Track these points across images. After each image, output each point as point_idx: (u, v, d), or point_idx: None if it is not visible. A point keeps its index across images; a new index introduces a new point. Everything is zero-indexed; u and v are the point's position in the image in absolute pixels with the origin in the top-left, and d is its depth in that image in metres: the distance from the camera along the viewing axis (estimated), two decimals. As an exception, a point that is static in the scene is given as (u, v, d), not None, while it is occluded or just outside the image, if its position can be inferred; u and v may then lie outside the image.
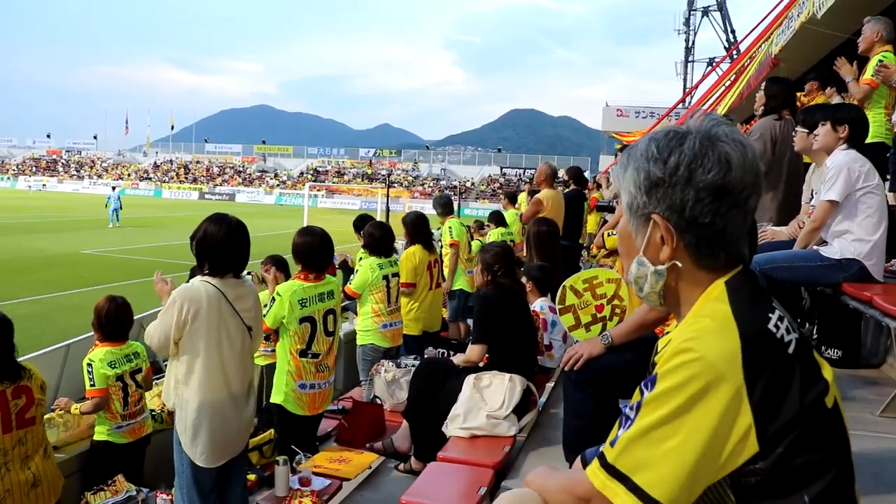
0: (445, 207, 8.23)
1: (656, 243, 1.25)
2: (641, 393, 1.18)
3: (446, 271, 7.55)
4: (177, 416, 3.35)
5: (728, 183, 1.18)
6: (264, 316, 4.16)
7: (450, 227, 7.82)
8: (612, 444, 1.19)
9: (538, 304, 4.77)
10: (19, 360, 3.65)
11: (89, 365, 4.31)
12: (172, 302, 3.23)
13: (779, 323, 1.18)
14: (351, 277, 5.73)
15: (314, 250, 4.40)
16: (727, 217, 1.19)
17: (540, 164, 8.92)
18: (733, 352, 1.11)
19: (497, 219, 10.00)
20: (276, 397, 4.32)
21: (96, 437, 4.41)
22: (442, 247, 7.78)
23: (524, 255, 6.79)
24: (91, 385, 4.29)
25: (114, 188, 32.41)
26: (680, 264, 1.24)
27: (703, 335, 1.14)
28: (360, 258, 5.81)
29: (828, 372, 1.22)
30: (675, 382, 1.11)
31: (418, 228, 6.49)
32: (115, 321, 4.43)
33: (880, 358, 4.55)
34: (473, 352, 4.07)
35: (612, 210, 5.67)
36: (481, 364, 4.11)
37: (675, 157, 1.20)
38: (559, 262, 5.95)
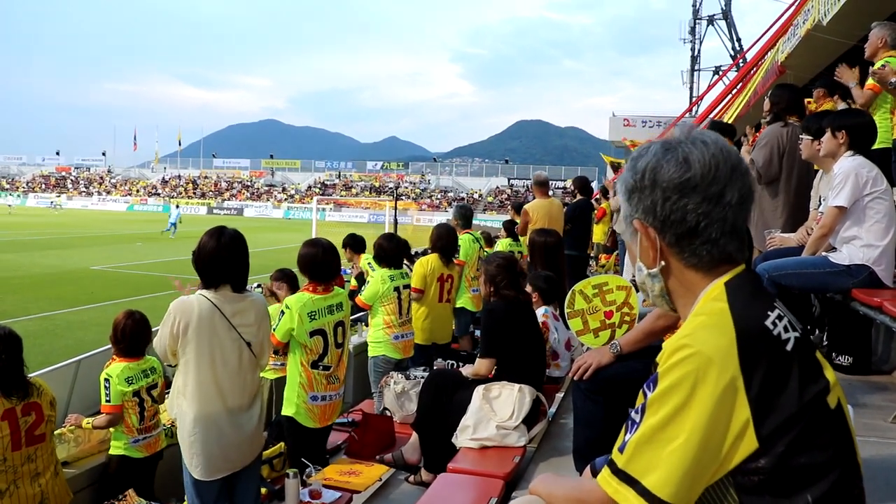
0: (465, 220, 7.93)
1: (645, 247, 1.31)
2: (644, 395, 1.20)
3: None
4: (178, 427, 3.39)
5: (689, 179, 1.22)
6: (274, 330, 4.16)
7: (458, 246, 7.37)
8: (620, 450, 1.20)
9: (540, 312, 4.76)
10: (30, 376, 3.66)
11: (107, 380, 4.30)
12: (168, 314, 3.28)
13: (777, 321, 1.20)
14: (362, 288, 5.72)
15: (318, 260, 4.40)
16: (700, 213, 1.23)
17: (545, 174, 8.83)
18: (728, 344, 1.14)
19: (510, 227, 9.96)
20: (288, 410, 4.31)
21: (112, 452, 4.40)
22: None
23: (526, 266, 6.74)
24: (107, 400, 4.29)
25: (177, 205, 39.48)
26: (670, 265, 1.30)
27: (699, 331, 1.17)
28: (369, 264, 5.79)
29: (830, 373, 1.23)
30: (674, 379, 1.14)
31: (441, 239, 6.43)
32: (131, 338, 4.40)
33: (892, 364, 4.52)
34: (482, 366, 4.06)
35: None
36: (489, 375, 4.10)
37: (641, 163, 1.28)
38: (563, 273, 5.92)
